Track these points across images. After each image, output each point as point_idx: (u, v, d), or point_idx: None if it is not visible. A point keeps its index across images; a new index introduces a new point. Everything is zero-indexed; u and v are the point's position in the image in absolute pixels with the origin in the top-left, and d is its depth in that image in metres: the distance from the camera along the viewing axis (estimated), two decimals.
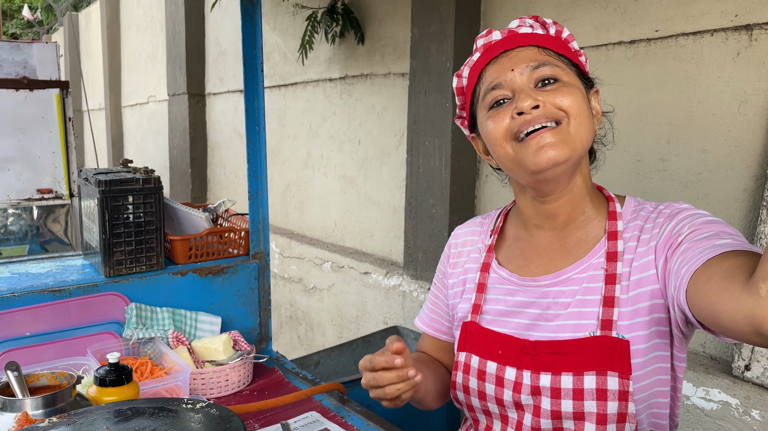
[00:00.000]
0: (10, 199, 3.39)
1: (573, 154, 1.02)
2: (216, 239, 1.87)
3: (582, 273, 1.08)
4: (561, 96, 1.03)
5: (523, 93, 1.04)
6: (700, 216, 1.00)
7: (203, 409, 1.08)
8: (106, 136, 8.48)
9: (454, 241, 1.31)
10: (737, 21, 1.88)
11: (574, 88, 1.05)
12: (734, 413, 1.83)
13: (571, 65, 1.09)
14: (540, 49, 1.08)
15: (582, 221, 1.12)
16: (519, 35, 1.09)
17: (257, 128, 1.87)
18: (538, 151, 1.01)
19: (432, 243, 2.92)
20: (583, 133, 1.03)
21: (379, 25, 3.36)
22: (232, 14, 5.02)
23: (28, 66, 3.37)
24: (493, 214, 1.29)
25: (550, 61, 1.07)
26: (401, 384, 1.04)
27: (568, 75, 1.07)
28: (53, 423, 1.02)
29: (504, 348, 1.11)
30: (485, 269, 1.20)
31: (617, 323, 1.02)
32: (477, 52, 1.13)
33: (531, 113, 1.02)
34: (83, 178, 1.80)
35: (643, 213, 1.09)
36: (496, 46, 1.10)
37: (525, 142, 1.03)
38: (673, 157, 2.07)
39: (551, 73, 1.05)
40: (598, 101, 1.14)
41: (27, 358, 1.52)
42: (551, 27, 1.11)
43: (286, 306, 4.33)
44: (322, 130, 3.96)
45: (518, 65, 1.06)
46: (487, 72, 1.10)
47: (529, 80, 1.05)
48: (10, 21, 13.50)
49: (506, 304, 1.14)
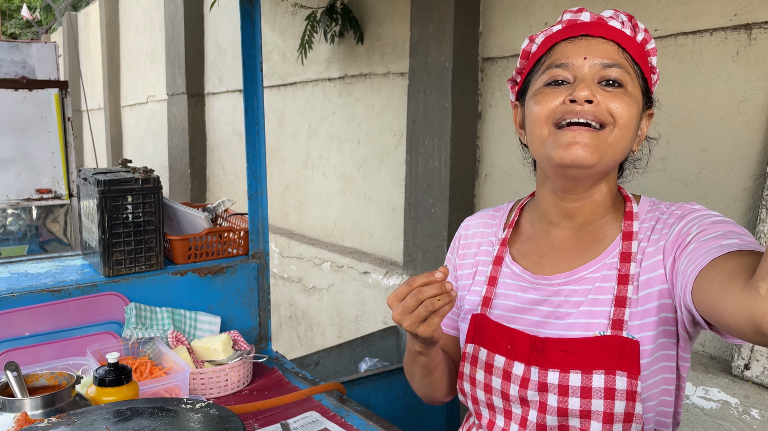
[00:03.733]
0: (9, 199, 3.39)
1: (601, 162, 1.00)
2: (215, 239, 1.87)
3: (595, 272, 1.08)
4: (618, 102, 1.00)
5: (584, 83, 1.01)
6: (710, 216, 0.99)
7: (203, 409, 1.08)
8: (106, 136, 8.47)
9: (464, 232, 1.29)
10: (736, 20, 1.88)
11: (634, 100, 1.02)
12: (734, 412, 1.83)
13: (640, 78, 1.06)
14: (620, 49, 1.04)
15: (600, 224, 1.11)
16: (607, 26, 1.05)
17: (256, 128, 1.87)
18: (569, 145, 0.99)
19: (431, 243, 2.92)
20: (620, 146, 1.01)
21: (378, 24, 3.36)
22: (231, 14, 5.02)
23: (27, 66, 3.36)
24: (505, 207, 1.28)
25: (624, 64, 1.03)
26: (443, 296, 0.96)
27: (634, 86, 1.03)
28: (52, 423, 1.02)
29: (513, 343, 1.10)
30: (498, 263, 1.19)
31: (628, 323, 1.02)
32: (559, 24, 1.09)
33: (583, 105, 0.99)
34: (82, 177, 1.80)
35: (657, 213, 1.08)
36: (580, 26, 1.06)
37: (562, 131, 1.00)
38: (673, 156, 2.07)
39: (619, 76, 1.02)
40: (648, 124, 1.11)
41: (26, 358, 1.52)
42: (640, 32, 1.07)
43: (285, 306, 4.33)
44: (322, 129, 3.96)
45: (592, 55, 1.02)
46: (559, 47, 1.06)
47: (595, 74, 1.02)
48: (9, 21, 13.49)
49: (517, 301, 1.14)
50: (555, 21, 1.10)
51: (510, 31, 2.64)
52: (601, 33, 1.04)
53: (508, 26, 2.65)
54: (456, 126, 2.76)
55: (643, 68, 1.06)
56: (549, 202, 1.14)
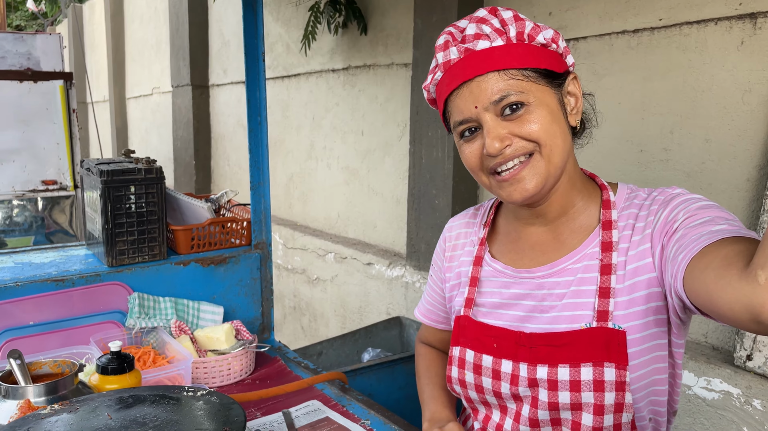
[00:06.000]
0: (15, 190, 3.41)
1: (549, 179, 1.03)
2: (218, 229, 1.88)
3: (577, 263, 1.08)
4: (529, 123, 1.00)
5: (490, 134, 1.00)
6: (695, 201, 0.99)
7: (204, 397, 1.09)
8: (111, 128, 8.49)
9: (449, 234, 1.30)
10: (741, 9, 1.86)
11: (542, 106, 1.01)
12: (735, 403, 1.83)
13: (538, 74, 1.02)
14: (500, 74, 1.00)
15: (573, 213, 1.11)
16: (476, 56, 1.01)
17: (259, 118, 1.87)
18: (514, 190, 1.03)
19: (434, 234, 2.92)
20: (558, 154, 1.02)
21: (382, 15, 3.34)
22: (235, 5, 5.01)
23: (31, 57, 3.37)
24: (486, 205, 1.28)
25: (512, 86, 1.00)
26: None
27: (535, 91, 1.01)
28: (55, 410, 1.03)
29: (499, 341, 1.11)
30: (478, 263, 1.20)
31: (613, 314, 1.02)
32: (438, 71, 1.08)
33: (502, 153, 1.01)
34: (86, 168, 1.80)
35: (636, 200, 1.07)
36: (455, 70, 1.04)
37: (500, 180, 1.04)
38: (677, 146, 2.07)
39: (516, 100, 1.00)
40: (578, 86, 1.08)
41: (30, 347, 1.53)
42: (511, 27, 1.02)
43: (290, 297, 4.35)
44: (326, 121, 3.95)
45: (480, 100, 1.01)
46: (451, 103, 1.06)
47: (494, 112, 1.01)
48: (14, 13, 13.51)
49: (501, 297, 1.14)
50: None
51: None
52: (475, 72, 1.01)
53: None
54: None
55: (534, 62, 1.02)
56: (519, 210, 1.16)
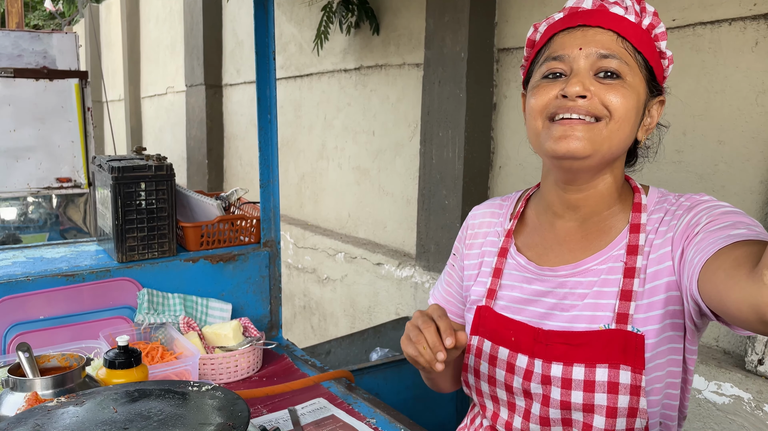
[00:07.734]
0: (30, 187, 3.44)
1: (595, 154, 0.99)
2: (227, 227, 1.89)
3: (602, 264, 1.06)
4: (614, 94, 0.98)
5: (577, 77, 0.99)
6: (720, 207, 0.97)
7: (209, 392, 1.09)
8: (126, 127, 8.57)
9: (472, 222, 1.28)
10: (756, 10, 1.84)
11: (632, 91, 1.00)
12: (746, 407, 1.80)
13: (644, 66, 1.02)
14: (619, 38, 1.00)
15: (606, 215, 1.10)
16: (607, 13, 1.01)
17: (269, 117, 1.88)
18: (561, 138, 0.99)
19: (444, 235, 2.91)
20: (617, 138, 1.00)
21: (394, 15, 3.35)
22: (248, 6, 5.03)
23: (47, 56, 3.41)
24: (513, 197, 1.27)
25: (622, 55, 1.00)
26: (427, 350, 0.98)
27: (634, 75, 1.00)
28: (62, 402, 1.03)
29: (517, 335, 1.10)
30: (503, 254, 1.19)
31: (633, 317, 1.01)
32: (561, 12, 1.08)
33: (575, 101, 0.98)
34: (97, 164, 1.82)
35: (665, 205, 1.06)
36: (579, 15, 1.04)
37: (555, 124, 1.00)
38: (689, 148, 2.05)
39: (616, 68, 0.99)
40: (660, 112, 1.08)
41: (40, 341, 1.55)
42: (647, 17, 1.03)
43: (299, 297, 4.36)
44: (337, 121, 3.96)
45: (588, 46, 1.00)
46: (558, 38, 1.05)
47: (591, 66, 1.00)
48: (32, 12, 13.67)
49: (522, 292, 1.13)
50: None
51: (526, 21, 2.62)
52: (599, 22, 1.01)
53: (524, 16, 2.63)
54: (470, 117, 2.74)
55: (648, 56, 1.03)
56: (552, 193, 1.13)
